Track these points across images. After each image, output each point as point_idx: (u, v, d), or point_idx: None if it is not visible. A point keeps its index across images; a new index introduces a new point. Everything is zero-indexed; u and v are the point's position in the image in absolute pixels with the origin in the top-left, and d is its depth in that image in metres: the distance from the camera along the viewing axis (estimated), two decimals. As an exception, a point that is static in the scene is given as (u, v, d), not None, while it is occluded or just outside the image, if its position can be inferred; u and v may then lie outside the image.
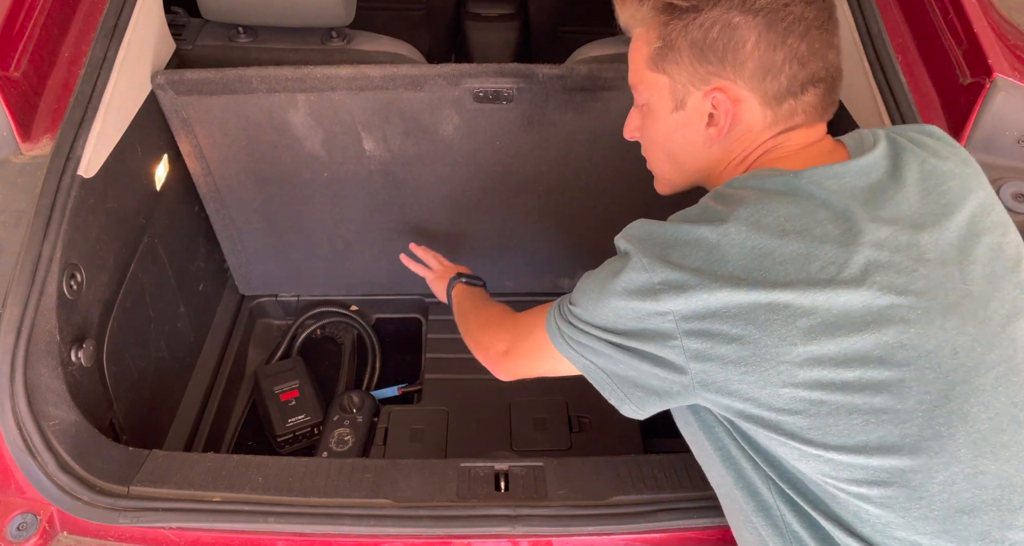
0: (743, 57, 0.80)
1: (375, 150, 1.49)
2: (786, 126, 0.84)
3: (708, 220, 0.75)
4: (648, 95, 0.89)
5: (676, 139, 0.90)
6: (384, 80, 1.36)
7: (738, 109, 0.83)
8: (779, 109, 0.82)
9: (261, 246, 1.71)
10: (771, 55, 0.79)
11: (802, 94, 0.82)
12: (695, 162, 0.91)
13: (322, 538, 1.02)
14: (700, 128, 0.86)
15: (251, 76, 1.35)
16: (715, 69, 0.81)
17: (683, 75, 0.84)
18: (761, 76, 0.80)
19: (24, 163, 1.17)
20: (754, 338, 0.72)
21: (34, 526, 0.99)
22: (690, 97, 0.85)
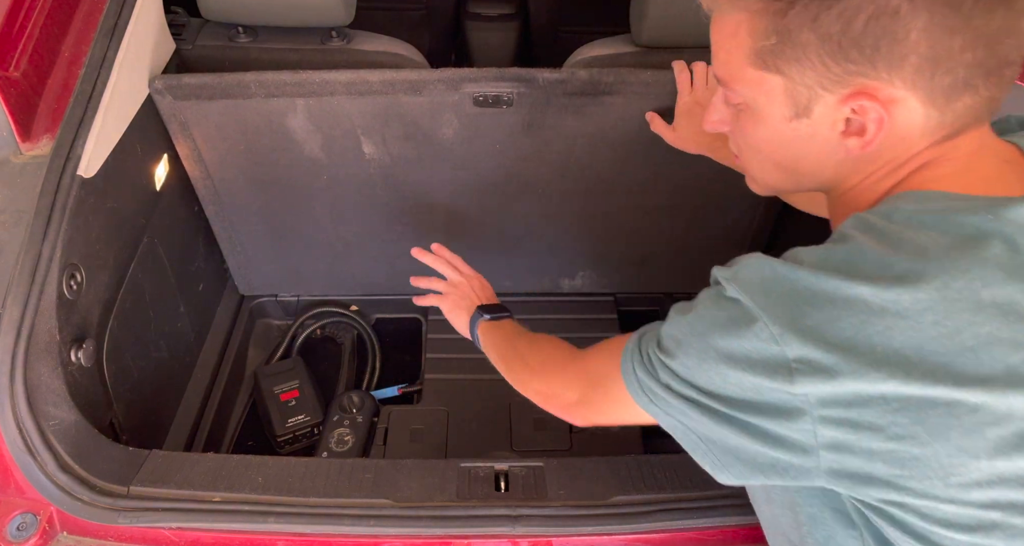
0: (904, 50, 0.59)
1: (374, 153, 1.49)
2: (952, 130, 0.64)
3: (869, 275, 0.57)
4: (749, 95, 0.70)
5: (793, 150, 0.70)
6: (383, 85, 1.36)
7: (891, 111, 0.62)
8: (948, 109, 0.62)
9: (260, 248, 1.71)
10: (947, 42, 0.58)
11: (984, 87, 0.61)
12: (817, 174, 0.72)
13: (322, 538, 1.02)
14: (832, 138, 0.67)
15: (249, 81, 1.35)
16: (860, 68, 0.61)
17: (808, 76, 0.64)
18: (929, 71, 0.60)
19: (24, 163, 1.17)
20: (921, 441, 0.55)
21: (34, 526, 0.99)
22: (818, 102, 0.65)
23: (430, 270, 1.75)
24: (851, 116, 0.65)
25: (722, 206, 1.59)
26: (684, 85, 1.33)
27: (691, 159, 1.34)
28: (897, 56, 0.60)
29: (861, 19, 0.59)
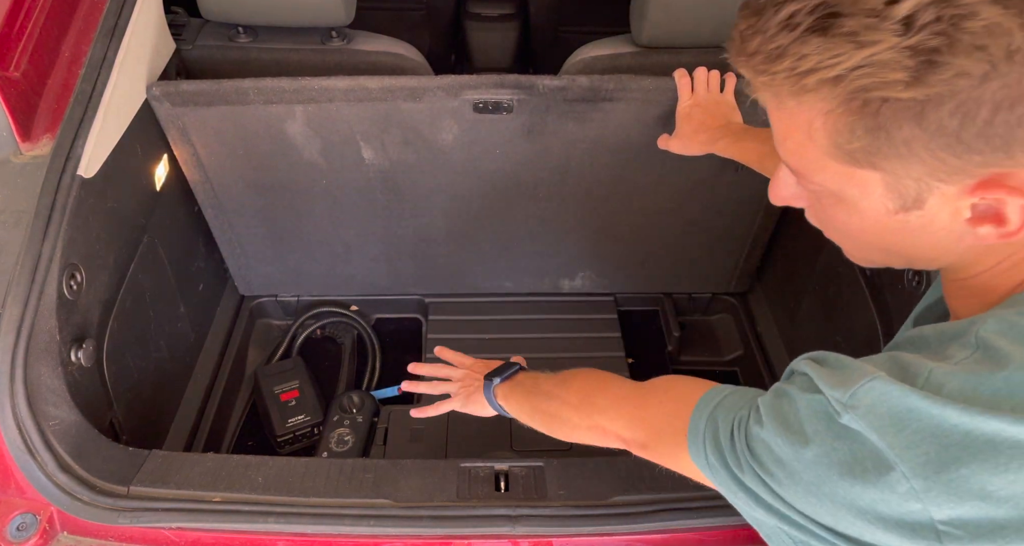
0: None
1: (374, 159, 1.49)
2: None
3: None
4: (835, 187, 0.59)
5: (901, 238, 0.59)
6: (382, 91, 1.36)
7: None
8: None
9: (260, 250, 1.71)
10: None
11: None
12: (934, 259, 0.62)
13: (322, 538, 1.02)
14: (955, 227, 0.56)
15: (248, 88, 1.35)
16: (989, 159, 0.51)
17: (915, 169, 0.53)
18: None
19: (24, 163, 1.17)
20: None
21: (34, 526, 0.99)
22: (933, 194, 0.54)
23: (429, 267, 1.75)
24: (979, 202, 0.53)
25: (722, 209, 1.59)
26: (685, 90, 1.33)
27: (692, 164, 1.34)
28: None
29: (985, 111, 0.48)
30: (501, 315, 1.80)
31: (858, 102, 0.51)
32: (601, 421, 0.88)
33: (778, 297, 1.78)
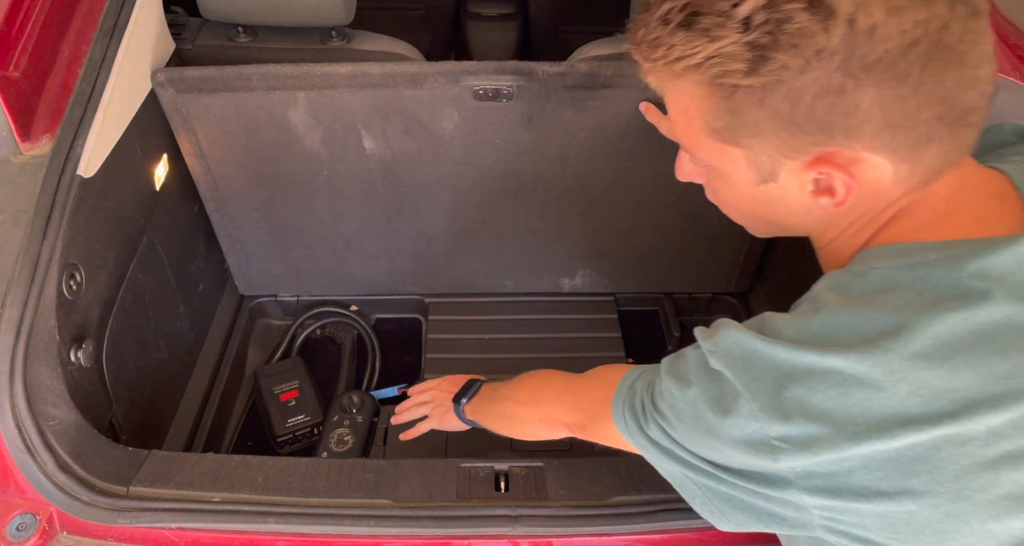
0: (857, 121, 0.58)
1: (375, 148, 1.49)
2: (925, 177, 0.62)
3: (844, 345, 0.56)
4: (713, 162, 0.70)
5: (767, 208, 0.71)
6: (384, 78, 1.36)
7: (855, 171, 0.62)
8: (916, 160, 0.61)
9: (261, 245, 1.71)
10: (900, 107, 0.57)
11: (950, 135, 0.60)
12: (798, 227, 0.73)
13: (322, 538, 1.02)
14: (803, 198, 0.66)
15: (251, 74, 1.35)
16: (817, 138, 0.60)
17: (767, 147, 0.63)
18: (888, 134, 0.59)
19: (23, 163, 1.17)
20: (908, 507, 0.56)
21: (33, 526, 0.99)
22: (782, 168, 0.65)
23: (429, 266, 1.76)
24: (818, 176, 0.64)
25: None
26: None
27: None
28: (852, 126, 0.59)
29: (807, 98, 0.58)
30: (501, 315, 1.80)
31: (716, 87, 0.61)
32: (548, 412, 1.01)
33: (779, 297, 1.78)
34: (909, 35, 0.55)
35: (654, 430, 0.71)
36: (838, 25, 0.55)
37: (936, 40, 0.55)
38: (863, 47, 0.55)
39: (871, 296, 0.59)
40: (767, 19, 0.56)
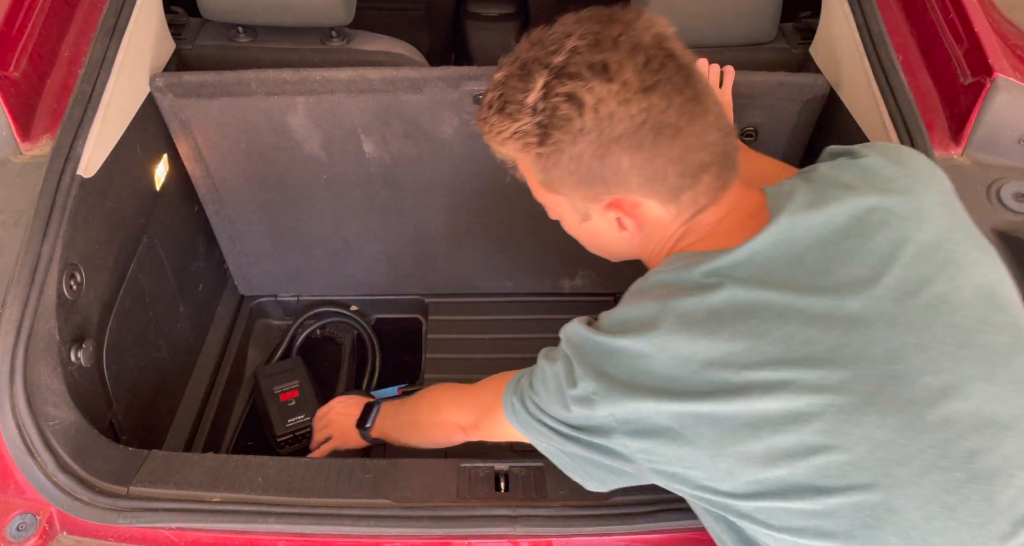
0: (623, 177, 0.81)
1: (375, 152, 1.49)
2: (692, 212, 0.85)
3: (630, 330, 0.77)
4: (553, 207, 0.92)
5: (595, 240, 0.94)
6: (383, 83, 1.36)
7: (640, 212, 0.84)
8: (679, 202, 0.83)
9: (260, 247, 1.71)
10: (649, 166, 0.79)
11: (696, 184, 0.82)
12: (623, 252, 0.95)
13: (322, 538, 1.02)
14: (613, 232, 0.88)
15: (250, 79, 1.35)
16: (602, 189, 0.83)
17: (576, 196, 0.86)
18: (649, 184, 0.81)
19: (24, 163, 1.17)
20: (688, 440, 0.75)
21: (34, 526, 0.99)
22: (592, 211, 0.87)
23: (429, 267, 1.76)
24: (616, 216, 0.86)
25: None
26: None
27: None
28: (622, 181, 0.81)
29: (585, 162, 0.80)
30: (501, 315, 1.80)
31: (526, 153, 0.84)
32: (444, 416, 1.15)
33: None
34: (637, 118, 0.77)
35: (531, 406, 0.89)
36: (587, 112, 0.77)
37: (658, 121, 0.77)
38: (607, 127, 0.77)
39: (647, 293, 0.81)
40: (544, 107, 0.79)
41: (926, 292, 0.75)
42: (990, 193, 1.17)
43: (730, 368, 0.73)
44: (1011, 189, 1.17)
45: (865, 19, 1.33)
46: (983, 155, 1.21)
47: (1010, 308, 0.78)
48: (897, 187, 0.82)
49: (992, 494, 0.70)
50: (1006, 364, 0.74)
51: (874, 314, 0.73)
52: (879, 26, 1.31)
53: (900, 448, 0.70)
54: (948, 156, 1.21)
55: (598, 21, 0.80)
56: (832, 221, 0.78)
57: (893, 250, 0.76)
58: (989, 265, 0.80)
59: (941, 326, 0.74)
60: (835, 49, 1.41)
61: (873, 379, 0.71)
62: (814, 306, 0.74)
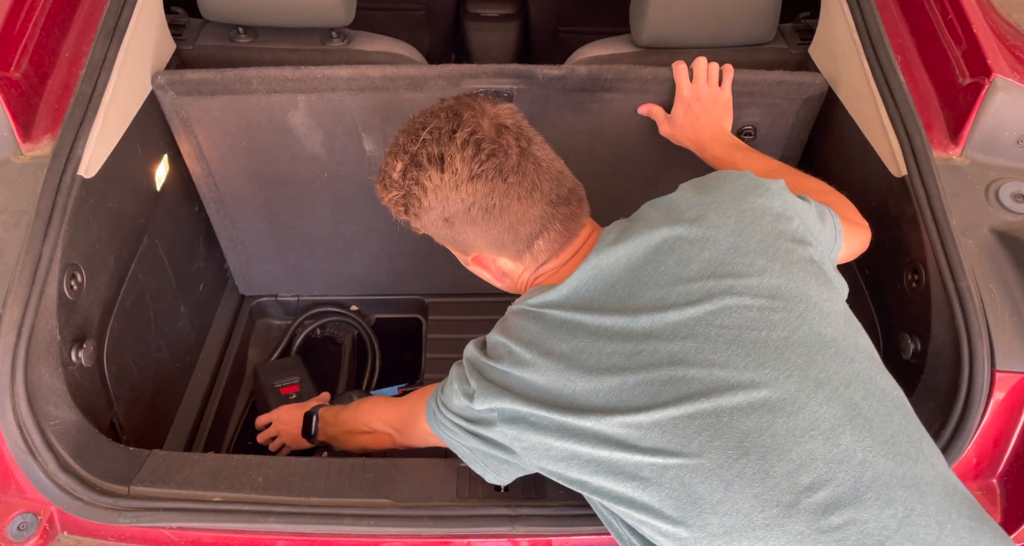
0: (471, 241, 0.99)
1: (375, 150, 1.49)
2: (536, 265, 1.01)
3: (496, 356, 0.95)
4: (450, 249, 1.08)
5: (482, 276, 1.09)
6: (384, 81, 1.36)
7: (497, 265, 1.03)
8: (523, 260, 1.01)
9: (261, 246, 1.71)
10: (487, 235, 0.97)
11: (532, 246, 0.98)
12: (506, 288, 1.11)
13: (322, 538, 1.02)
14: (488, 275, 1.07)
15: (251, 77, 1.35)
16: (465, 247, 1.01)
17: (451, 250, 1.06)
18: (495, 248, 0.99)
19: (24, 163, 1.17)
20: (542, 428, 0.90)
21: (34, 526, 0.99)
22: (466, 260, 1.06)
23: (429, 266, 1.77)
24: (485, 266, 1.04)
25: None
26: (683, 80, 1.34)
27: (689, 157, 1.34)
28: (473, 243, 0.99)
29: (440, 228, 0.99)
30: (501, 315, 1.80)
31: (403, 215, 1.02)
32: (373, 424, 1.26)
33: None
34: (467, 201, 0.94)
35: (441, 406, 1.02)
36: (429, 194, 0.96)
37: (484, 203, 0.94)
38: (446, 206, 0.95)
39: (505, 323, 0.99)
40: (401, 186, 0.98)
41: (706, 302, 0.88)
42: (988, 193, 1.17)
43: (562, 380, 0.89)
44: (1009, 189, 1.17)
45: (864, 20, 1.33)
46: (981, 155, 1.21)
47: (794, 306, 0.89)
48: (687, 217, 0.94)
49: (767, 469, 0.81)
50: (777, 356, 0.85)
51: (660, 327, 0.88)
52: (878, 27, 1.31)
53: (680, 432, 0.84)
54: (947, 156, 1.21)
55: (445, 117, 0.96)
56: (634, 253, 0.94)
57: (679, 270, 0.91)
58: (779, 272, 0.90)
59: (716, 328, 0.87)
60: (834, 50, 1.41)
61: (658, 381, 0.86)
62: (617, 325, 0.90)
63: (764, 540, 0.80)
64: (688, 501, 0.82)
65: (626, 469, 0.85)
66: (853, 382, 0.86)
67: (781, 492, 0.80)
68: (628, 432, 0.85)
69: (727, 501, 0.81)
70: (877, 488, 0.80)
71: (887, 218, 1.22)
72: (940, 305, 1.09)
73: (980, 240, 1.12)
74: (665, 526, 0.83)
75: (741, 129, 1.44)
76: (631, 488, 0.85)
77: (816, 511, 0.79)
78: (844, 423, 0.82)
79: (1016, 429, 1.05)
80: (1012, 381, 1.03)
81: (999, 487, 1.07)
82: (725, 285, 0.89)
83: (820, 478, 0.80)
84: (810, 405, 0.83)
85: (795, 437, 0.81)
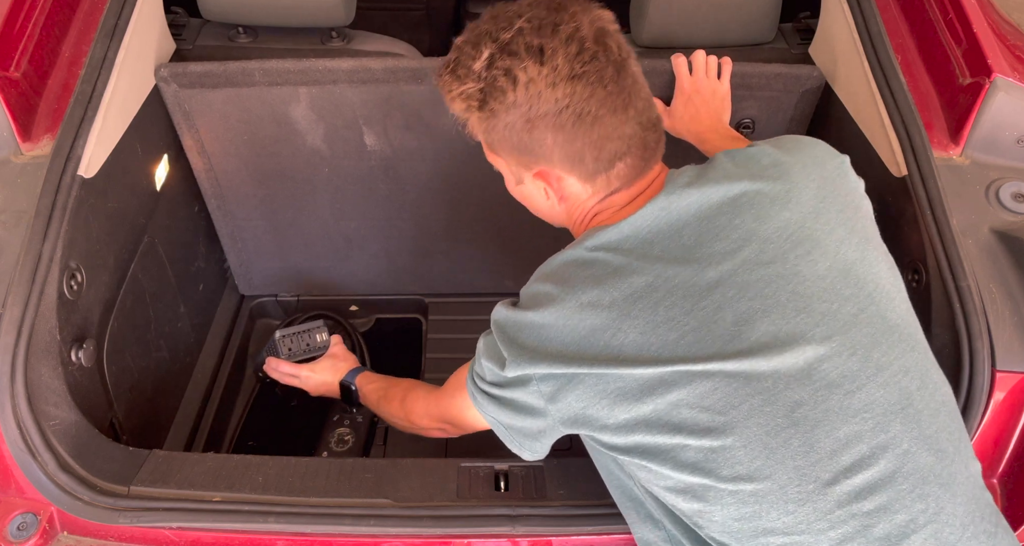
0: (547, 151, 0.89)
1: (376, 144, 1.49)
2: (607, 193, 0.94)
3: (537, 305, 0.89)
4: (498, 167, 1.01)
5: (531, 203, 1.02)
6: (385, 73, 1.36)
7: (562, 185, 0.94)
8: (595, 183, 0.93)
9: (261, 244, 1.71)
10: (569, 147, 0.88)
11: (611, 169, 0.91)
12: (554, 218, 1.03)
13: (322, 538, 1.02)
14: (542, 198, 0.98)
15: (253, 69, 1.35)
16: (531, 159, 0.92)
17: (511, 160, 0.95)
18: (570, 163, 0.90)
19: (24, 163, 1.17)
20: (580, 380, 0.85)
21: (34, 526, 0.99)
22: (524, 176, 0.96)
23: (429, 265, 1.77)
24: (544, 185, 0.95)
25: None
26: (683, 72, 1.34)
27: (689, 152, 1.34)
28: (547, 154, 0.90)
29: (516, 132, 0.89)
30: (501, 315, 1.81)
31: (471, 113, 0.92)
32: (421, 423, 1.19)
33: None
34: (561, 102, 0.85)
35: (477, 381, 0.98)
36: (519, 88, 0.86)
37: (580, 108, 0.86)
38: (535, 105, 0.86)
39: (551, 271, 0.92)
40: (486, 76, 0.87)
41: (779, 264, 0.84)
42: (989, 193, 1.17)
43: (608, 332, 0.84)
44: (1010, 189, 1.17)
45: (864, 19, 1.33)
46: (982, 155, 1.21)
47: (864, 285, 0.86)
48: (770, 174, 0.90)
49: (812, 442, 0.80)
50: (844, 331, 0.83)
51: (728, 282, 0.83)
52: (878, 26, 1.31)
53: (734, 391, 0.81)
54: (947, 156, 1.21)
55: (547, 7, 0.87)
56: (708, 200, 0.88)
57: (756, 226, 0.86)
58: (855, 246, 0.88)
59: (786, 293, 0.83)
60: (834, 49, 1.41)
61: (718, 340, 0.82)
62: (680, 275, 0.84)
63: (793, 514, 0.79)
64: (725, 462, 0.81)
65: (669, 422, 0.82)
66: (911, 371, 0.85)
67: (822, 468, 0.79)
68: (676, 384, 0.82)
69: (766, 469, 0.80)
70: (914, 481, 0.80)
71: (887, 218, 1.22)
72: (940, 305, 1.09)
73: (980, 240, 1.12)
74: (691, 480, 0.82)
75: (740, 122, 1.44)
76: (667, 442, 0.82)
77: (851, 493, 0.79)
78: (897, 411, 0.81)
79: (1016, 429, 1.05)
80: (1012, 381, 1.03)
81: (999, 487, 1.07)
82: (802, 250, 0.85)
83: (862, 461, 0.79)
84: (868, 387, 0.81)
85: (847, 416, 0.80)
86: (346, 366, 1.45)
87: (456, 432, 1.14)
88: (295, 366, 1.46)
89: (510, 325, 0.91)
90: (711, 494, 0.82)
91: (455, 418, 1.09)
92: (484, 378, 0.96)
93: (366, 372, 1.42)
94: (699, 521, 0.85)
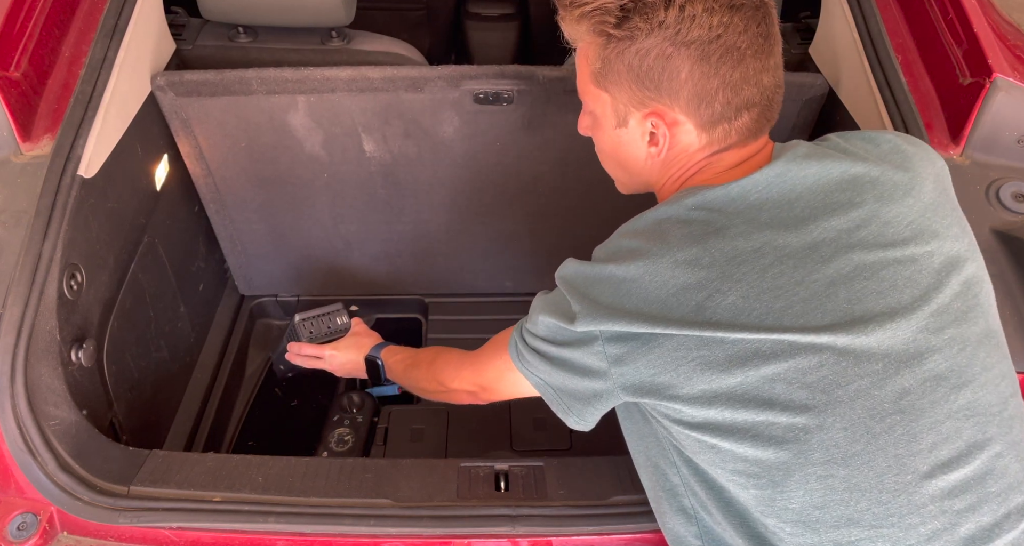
0: (678, 85, 0.83)
1: (375, 151, 1.49)
2: (720, 147, 0.88)
3: (619, 258, 0.83)
4: (593, 107, 0.94)
5: (621, 152, 0.95)
6: (384, 82, 1.36)
7: (674, 132, 0.87)
8: (713, 132, 0.87)
9: (261, 247, 1.71)
10: (705, 84, 0.83)
11: (736, 119, 0.86)
12: (640, 173, 0.97)
13: (322, 538, 1.02)
14: (642, 146, 0.91)
15: (251, 78, 1.35)
16: (652, 94, 0.85)
17: (623, 95, 0.88)
18: (696, 103, 0.84)
19: (24, 163, 1.17)
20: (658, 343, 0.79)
21: (34, 526, 0.99)
22: (631, 117, 0.89)
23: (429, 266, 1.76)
24: (652, 130, 0.88)
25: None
26: None
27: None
28: (675, 89, 0.84)
29: (651, 58, 0.83)
30: (501, 315, 1.80)
31: (597, 35, 0.85)
32: (451, 385, 1.13)
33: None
34: (715, 30, 0.80)
35: (526, 336, 0.93)
36: (673, 7, 0.80)
37: (732, 41, 0.81)
38: (685, 27, 0.80)
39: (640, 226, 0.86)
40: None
41: (898, 249, 0.81)
42: (989, 193, 1.17)
43: (703, 292, 0.78)
44: (1010, 189, 1.17)
45: (864, 19, 1.33)
46: (982, 155, 1.21)
47: (973, 285, 0.85)
48: (893, 161, 0.87)
49: (915, 432, 0.77)
50: (956, 325, 0.81)
51: (844, 259, 0.79)
52: (878, 26, 1.31)
53: (843, 370, 0.77)
54: (947, 156, 1.21)
55: None
56: (828, 175, 0.83)
57: (878, 209, 0.82)
58: (967, 246, 0.87)
59: (902, 280, 0.80)
60: (834, 49, 1.41)
61: (829, 314, 0.77)
62: (791, 244, 0.79)
63: (886, 504, 0.77)
64: (819, 444, 0.77)
65: (758, 397, 0.77)
66: (1007, 377, 0.84)
67: (921, 460, 0.77)
68: (776, 356, 0.77)
69: (864, 454, 0.77)
70: (1001, 486, 0.79)
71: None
72: (941, 305, 1.09)
73: (980, 240, 1.11)
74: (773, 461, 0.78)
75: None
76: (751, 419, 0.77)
77: (945, 489, 0.77)
78: (995, 413, 0.80)
79: (1017, 429, 1.05)
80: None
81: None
82: (922, 240, 0.82)
83: (959, 458, 0.78)
84: (973, 385, 0.80)
85: (951, 411, 0.78)
86: (370, 342, 1.42)
87: (486, 397, 1.09)
88: (318, 347, 1.44)
89: (581, 279, 0.85)
90: (794, 478, 0.77)
91: (491, 381, 1.05)
92: (537, 335, 0.91)
93: (391, 346, 1.38)
94: (766, 509, 0.80)
